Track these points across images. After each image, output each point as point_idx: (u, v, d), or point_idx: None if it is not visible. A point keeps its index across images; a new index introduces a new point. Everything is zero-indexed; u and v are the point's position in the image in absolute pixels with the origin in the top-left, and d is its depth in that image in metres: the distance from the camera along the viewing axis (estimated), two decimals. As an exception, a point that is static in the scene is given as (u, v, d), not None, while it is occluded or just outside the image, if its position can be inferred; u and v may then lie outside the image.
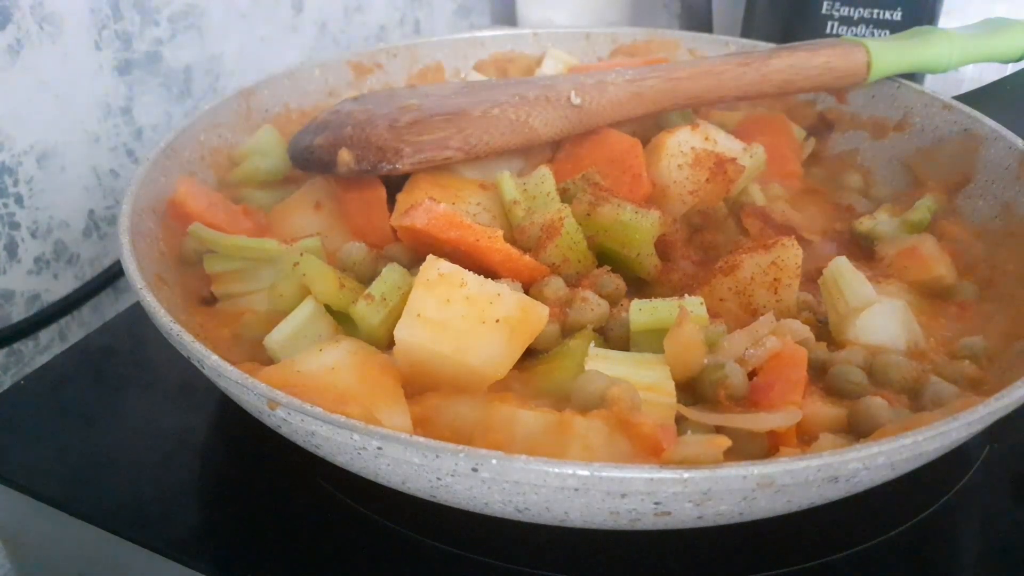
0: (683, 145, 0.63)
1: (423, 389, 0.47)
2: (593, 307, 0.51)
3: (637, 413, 0.41)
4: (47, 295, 0.69)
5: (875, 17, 0.88)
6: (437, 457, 0.38)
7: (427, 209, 0.53)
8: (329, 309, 0.52)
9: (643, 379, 0.46)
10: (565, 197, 0.57)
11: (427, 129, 0.60)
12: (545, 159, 0.65)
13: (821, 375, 0.50)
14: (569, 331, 0.51)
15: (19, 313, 0.67)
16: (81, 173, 0.70)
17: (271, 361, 0.50)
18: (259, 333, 0.52)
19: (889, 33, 0.89)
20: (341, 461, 0.43)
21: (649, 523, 0.40)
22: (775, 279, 0.53)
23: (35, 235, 0.67)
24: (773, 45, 0.70)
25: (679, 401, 0.46)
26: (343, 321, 0.52)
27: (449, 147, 0.59)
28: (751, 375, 0.48)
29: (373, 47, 0.80)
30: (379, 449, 0.39)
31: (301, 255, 0.52)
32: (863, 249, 0.63)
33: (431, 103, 0.62)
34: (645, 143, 0.64)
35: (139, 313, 0.68)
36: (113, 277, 0.74)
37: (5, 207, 0.65)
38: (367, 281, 0.52)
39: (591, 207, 0.55)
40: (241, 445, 0.56)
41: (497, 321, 0.47)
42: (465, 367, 0.46)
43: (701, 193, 0.61)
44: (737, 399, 0.47)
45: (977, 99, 0.72)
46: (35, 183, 0.66)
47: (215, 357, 0.44)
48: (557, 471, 0.37)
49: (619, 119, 0.64)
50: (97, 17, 0.69)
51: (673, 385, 0.46)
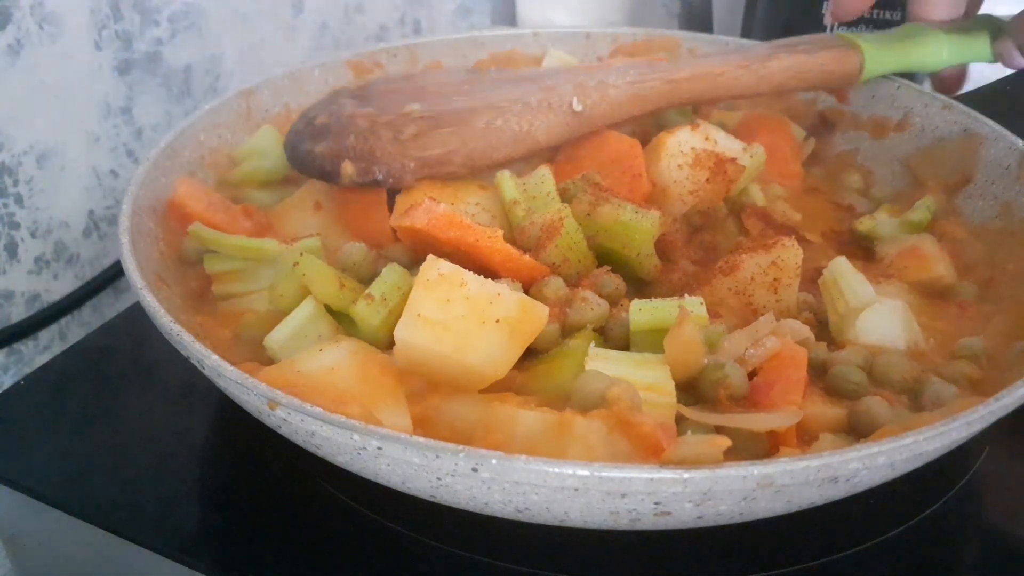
0: (683, 145, 0.62)
1: (423, 389, 0.47)
2: (593, 307, 0.51)
3: (637, 413, 0.41)
4: (47, 295, 0.69)
5: (875, 17, 0.88)
6: (437, 457, 0.38)
7: (427, 209, 0.53)
8: (329, 309, 0.52)
9: (643, 379, 0.46)
10: (565, 197, 0.57)
11: (431, 143, 0.60)
12: (544, 159, 0.65)
13: (821, 375, 0.50)
14: (569, 331, 0.51)
15: (19, 313, 0.67)
16: (81, 173, 0.70)
17: (271, 361, 0.50)
18: (259, 333, 0.52)
19: (889, 33, 0.89)
20: (341, 461, 0.43)
21: (649, 523, 0.40)
22: (775, 279, 0.53)
23: (35, 235, 0.67)
24: (772, 43, 0.70)
25: (679, 401, 0.46)
26: (343, 321, 0.52)
27: (453, 163, 0.60)
28: (751, 375, 0.48)
29: (373, 47, 0.80)
30: (379, 449, 0.39)
31: (301, 255, 0.52)
32: (863, 249, 0.63)
33: (435, 107, 0.63)
34: (645, 143, 0.64)
35: (139, 313, 0.68)
36: (113, 277, 0.74)
37: (5, 207, 0.65)
38: (367, 281, 0.52)
39: (591, 207, 0.55)
40: (241, 445, 0.56)
41: (497, 321, 0.47)
42: (465, 367, 0.46)
43: (701, 193, 0.61)
44: (737, 399, 0.46)
45: (977, 99, 0.72)
46: (35, 183, 0.66)
47: (215, 357, 0.44)
48: (557, 471, 0.37)
49: (619, 120, 0.65)
50: (97, 17, 0.69)
51: (673, 385, 0.46)
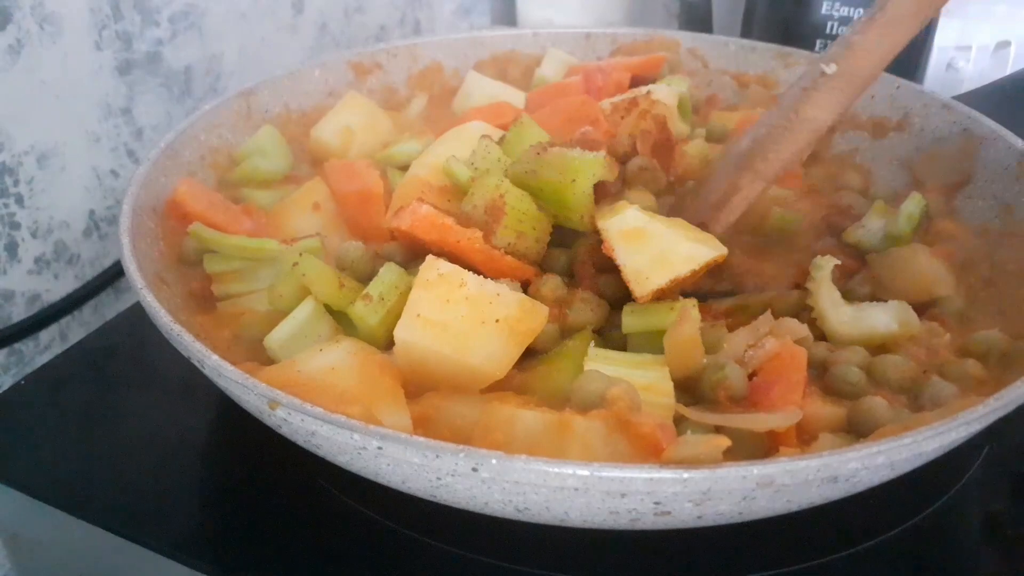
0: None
1: (423, 389, 0.47)
2: (593, 308, 0.51)
3: (637, 413, 0.41)
4: (47, 295, 0.69)
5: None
6: (437, 457, 0.38)
7: (412, 211, 0.53)
8: (329, 309, 0.52)
9: (641, 379, 0.46)
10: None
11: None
12: None
13: (821, 374, 0.50)
14: (568, 332, 0.51)
15: (19, 313, 0.67)
16: (81, 173, 0.71)
17: (271, 362, 0.50)
18: (259, 333, 0.52)
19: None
20: (342, 461, 0.43)
21: (649, 523, 0.40)
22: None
23: (35, 235, 0.67)
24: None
25: (679, 401, 0.46)
26: (343, 321, 0.52)
27: (741, 186, 0.56)
28: (751, 376, 0.48)
29: (373, 47, 0.80)
30: (379, 449, 0.39)
31: (300, 255, 0.52)
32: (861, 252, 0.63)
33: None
34: None
35: (139, 313, 0.68)
36: (113, 277, 0.74)
37: (5, 207, 0.65)
38: (366, 280, 0.52)
39: (535, 162, 0.53)
40: (241, 445, 0.56)
41: (497, 321, 0.47)
42: (466, 367, 0.46)
43: (636, 133, 0.63)
44: (737, 399, 0.46)
45: (977, 99, 0.72)
46: (35, 183, 0.66)
47: (215, 357, 0.44)
48: (557, 471, 0.37)
49: (884, 62, 0.55)
50: (97, 17, 0.69)
51: (671, 385, 0.46)
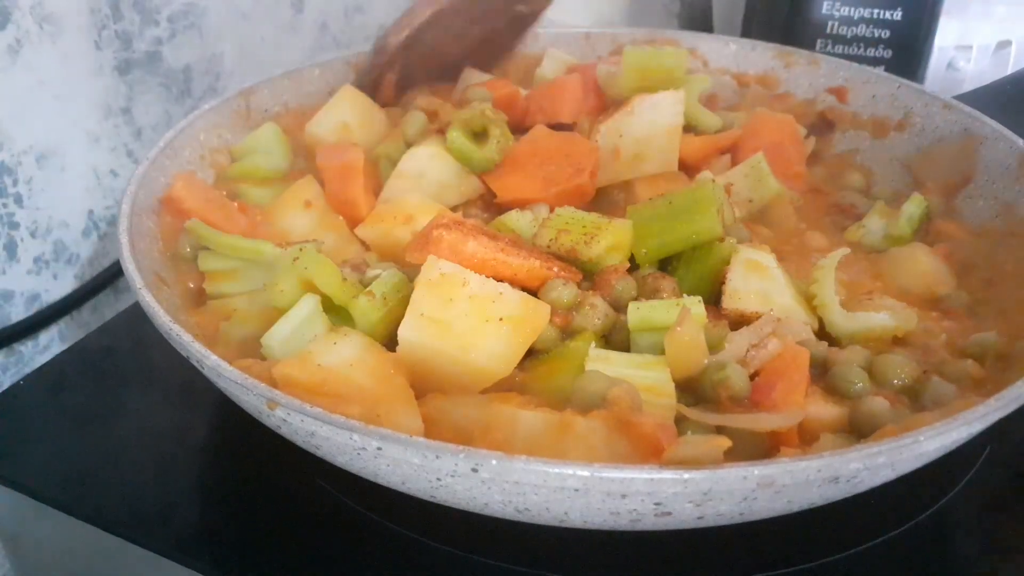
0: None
1: (426, 389, 0.47)
2: (600, 315, 0.51)
3: (638, 414, 0.41)
4: (47, 295, 0.69)
5: (875, 17, 0.88)
6: (437, 458, 0.38)
7: (451, 247, 0.50)
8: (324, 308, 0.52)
9: (643, 380, 0.46)
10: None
11: None
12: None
13: (822, 375, 0.50)
14: (571, 333, 0.51)
15: (19, 313, 0.67)
16: (81, 173, 0.70)
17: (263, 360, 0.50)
18: (247, 332, 0.52)
19: (889, 33, 0.89)
20: (341, 461, 0.43)
21: (650, 523, 0.40)
22: None
23: (35, 235, 0.67)
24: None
25: (680, 401, 0.46)
26: (337, 323, 0.51)
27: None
28: (753, 376, 0.48)
29: (370, 47, 0.80)
30: (379, 449, 0.39)
31: (300, 250, 0.52)
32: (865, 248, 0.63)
33: None
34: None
35: (139, 313, 0.68)
36: (112, 277, 0.74)
37: (5, 207, 0.65)
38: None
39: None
40: (241, 445, 0.56)
41: (500, 319, 0.47)
42: (470, 366, 0.46)
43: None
44: (739, 400, 0.46)
45: (977, 99, 0.72)
46: (35, 183, 0.66)
47: (215, 357, 0.44)
48: (558, 471, 0.37)
49: None
50: (97, 17, 0.69)
51: (672, 386, 0.46)
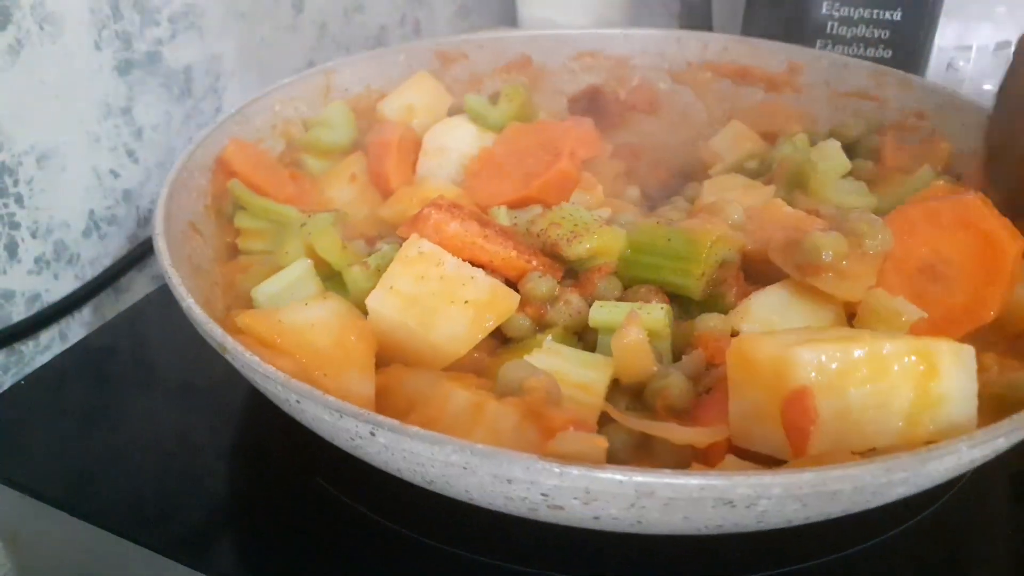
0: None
1: (393, 359, 0.49)
2: (572, 312, 0.52)
3: (551, 406, 0.42)
4: (47, 295, 0.69)
5: (875, 17, 0.88)
6: (341, 417, 0.39)
7: (435, 227, 0.52)
8: (323, 277, 0.55)
9: (577, 377, 0.46)
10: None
11: None
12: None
13: None
14: (544, 326, 0.52)
15: (19, 313, 0.67)
16: (81, 173, 0.70)
17: None
18: (253, 286, 0.55)
19: (889, 34, 0.89)
20: (286, 410, 0.44)
21: (548, 515, 0.40)
22: None
23: (35, 235, 0.67)
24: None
25: (630, 406, 0.46)
26: (335, 291, 0.54)
27: None
28: (707, 391, 0.47)
29: (459, 37, 0.81)
30: (298, 403, 0.41)
31: (309, 217, 0.56)
32: None
33: None
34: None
35: (139, 313, 0.69)
36: (113, 277, 0.74)
37: (5, 207, 0.65)
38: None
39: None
40: (241, 445, 0.56)
41: (465, 302, 0.48)
42: (428, 342, 0.48)
43: None
44: (676, 411, 0.46)
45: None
46: (35, 183, 0.66)
47: (191, 300, 0.46)
48: (439, 446, 0.38)
49: None
50: (97, 17, 0.69)
51: (605, 387, 0.46)
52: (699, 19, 1.09)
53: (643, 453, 0.45)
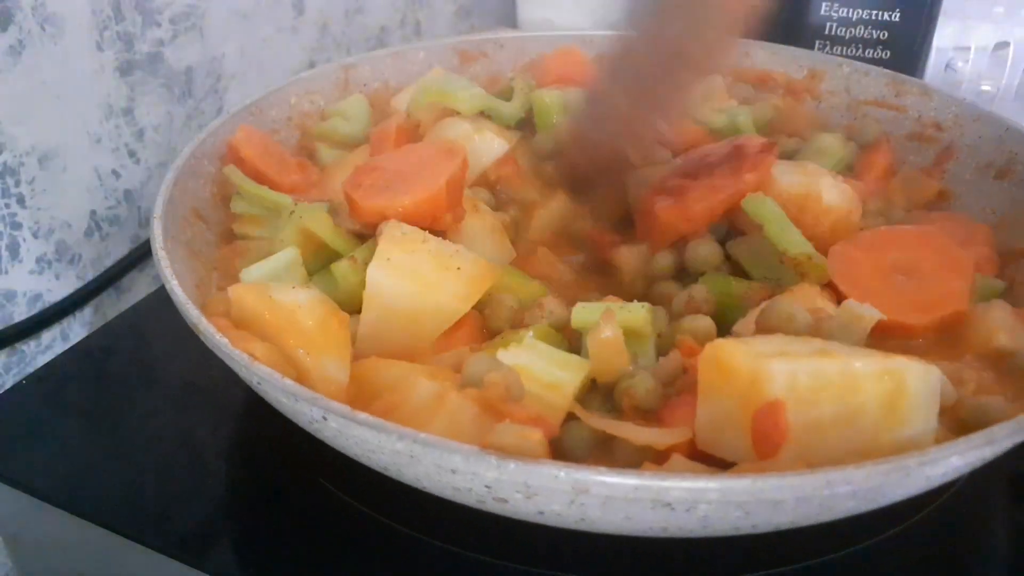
0: None
1: (379, 345, 0.50)
2: (546, 315, 0.52)
3: (510, 402, 0.42)
4: (49, 295, 0.69)
5: (874, 18, 0.88)
6: (297, 401, 0.40)
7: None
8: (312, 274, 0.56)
9: (548, 376, 0.46)
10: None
11: None
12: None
13: None
14: (527, 324, 0.52)
15: (21, 313, 0.67)
16: (83, 174, 0.71)
17: None
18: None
19: (888, 34, 0.89)
20: (256, 391, 0.45)
21: (495, 508, 0.40)
22: None
23: (37, 235, 0.68)
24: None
25: (604, 406, 0.46)
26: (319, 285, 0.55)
27: None
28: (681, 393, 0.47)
29: (480, 36, 0.81)
30: (259, 384, 0.43)
31: (296, 204, 0.57)
32: None
33: None
34: None
35: (140, 313, 0.69)
36: (115, 277, 0.74)
37: (7, 207, 0.65)
38: None
39: None
40: (242, 445, 0.56)
41: (458, 269, 0.51)
42: (433, 303, 0.50)
43: None
44: (643, 411, 0.46)
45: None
46: (37, 184, 0.67)
47: (175, 282, 0.48)
48: (384, 434, 0.38)
49: None
50: (98, 18, 0.69)
51: (575, 388, 0.46)
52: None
53: (603, 452, 0.45)
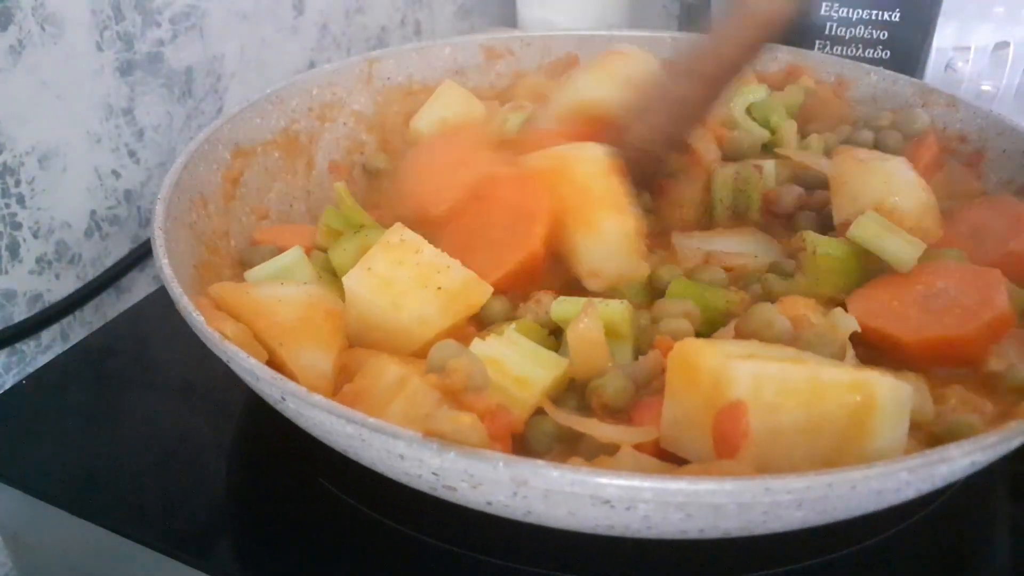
0: None
1: (365, 342, 0.50)
2: (541, 309, 0.52)
3: (470, 391, 0.42)
4: (49, 295, 0.69)
5: (874, 18, 0.88)
6: (258, 380, 0.42)
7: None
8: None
9: (519, 370, 0.46)
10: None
11: None
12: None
13: None
14: (516, 318, 0.52)
15: (21, 313, 0.67)
16: (83, 174, 0.71)
17: None
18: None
19: (888, 34, 0.89)
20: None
21: (447, 495, 0.40)
22: None
23: (37, 235, 0.67)
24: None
25: (579, 404, 0.47)
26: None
27: None
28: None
29: (508, 34, 0.81)
30: (229, 362, 0.44)
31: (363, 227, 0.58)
32: None
33: None
34: None
35: (140, 313, 0.69)
36: (115, 277, 0.74)
37: (7, 207, 0.65)
38: None
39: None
40: (242, 445, 0.56)
41: (439, 288, 0.50)
42: (398, 323, 0.49)
43: None
44: (613, 410, 0.46)
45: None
46: (37, 183, 0.67)
47: (169, 271, 0.48)
48: (334, 417, 0.39)
49: None
50: (98, 18, 0.69)
51: (545, 385, 0.46)
52: (699, 20, 1.10)
53: (570, 450, 0.45)
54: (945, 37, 0.92)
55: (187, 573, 0.48)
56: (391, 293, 0.49)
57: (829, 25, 0.90)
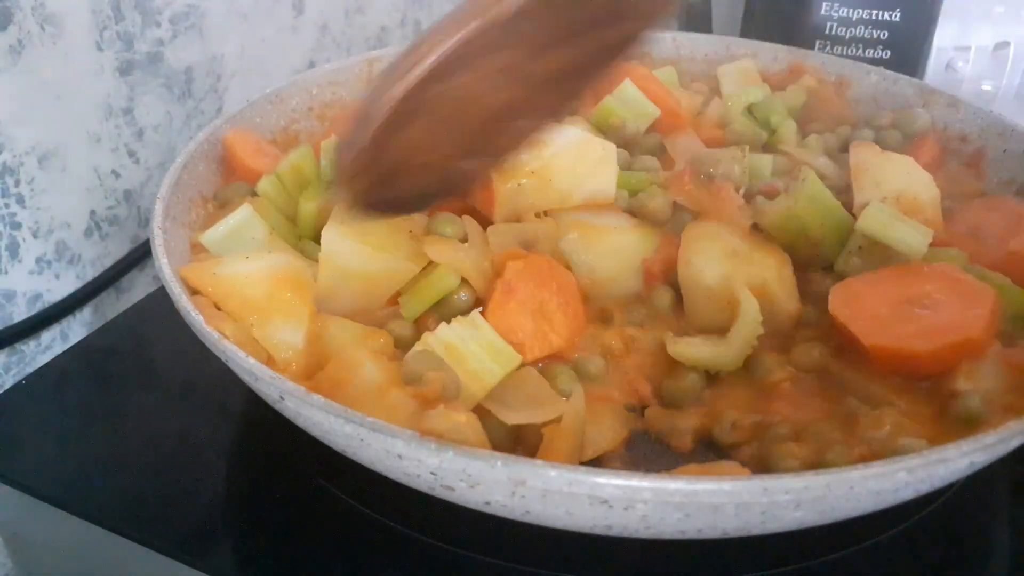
0: None
1: (334, 304, 0.52)
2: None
3: (443, 401, 0.43)
4: (49, 295, 0.69)
5: (874, 18, 0.88)
6: (257, 379, 0.42)
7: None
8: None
9: (475, 363, 0.48)
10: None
11: None
12: None
13: None
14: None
15: (20, 313, 0.67)
16: (82, 174, 0.71)
17: None
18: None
19: (888, 34, 0.89)
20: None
21: (446, 495, 0.41)
22: None
23: (36, 235, 0.67)
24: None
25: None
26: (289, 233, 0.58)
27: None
28: None
29: None
30: (227, 361, 0.45)
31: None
32: None
33: None
34: None
35: (140, 313, 0.69)
36: (114, 277, 0.74)
37: (7, 207, 0.65)
38: None
39: None
40: (242, 445, 0.56)
41: (410, 231, 0.53)
42: (384, 261, 0.51)
43: None
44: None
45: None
46: (36, 183, 0.67)
47: (163, 253, 0.50)
48: (333, 417, 0.39)
49: None
50: (98, 18, 0.69)
51: (495, 382, 0.47)
52: (699, 19, 1.09)
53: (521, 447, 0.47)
54: (945, 37, 0.92)
55: (187, 573, 0.48)
56: (372, 237, 0.52)
57: (829, 25, 0.90)
